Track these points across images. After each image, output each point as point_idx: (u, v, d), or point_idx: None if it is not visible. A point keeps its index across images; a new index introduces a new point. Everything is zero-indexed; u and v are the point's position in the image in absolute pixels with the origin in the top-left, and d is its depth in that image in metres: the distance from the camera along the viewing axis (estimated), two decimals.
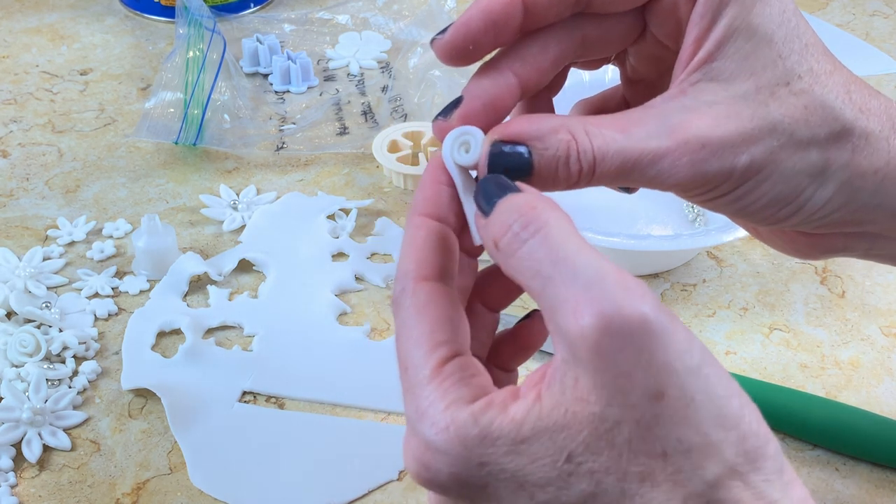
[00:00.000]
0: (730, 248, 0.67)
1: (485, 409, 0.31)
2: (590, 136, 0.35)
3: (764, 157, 0.35)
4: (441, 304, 0.33)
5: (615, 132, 0.35)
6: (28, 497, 0.52)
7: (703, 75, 0.36)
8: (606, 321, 0.29)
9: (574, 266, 0.30)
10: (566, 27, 0.37)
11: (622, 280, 0.30)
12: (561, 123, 0.35)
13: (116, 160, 0.74)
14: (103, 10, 0.91)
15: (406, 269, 0.34)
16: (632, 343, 0.29)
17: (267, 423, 0.55)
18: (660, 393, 0.29)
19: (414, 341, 0.33)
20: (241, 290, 0.63)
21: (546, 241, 0.31)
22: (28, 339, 0.57)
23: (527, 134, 0.34)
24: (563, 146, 0.34)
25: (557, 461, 0.30)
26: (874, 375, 0.58)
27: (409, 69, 0.79)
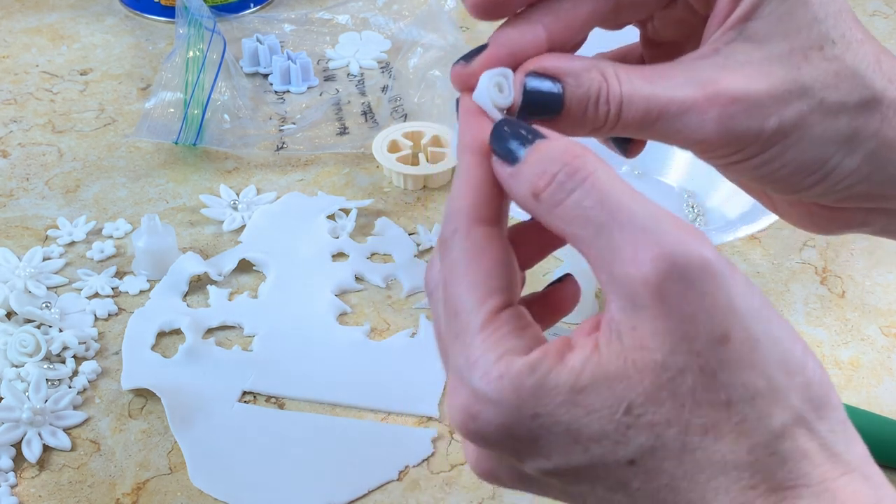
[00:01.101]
0: (730, 248, 0.67)
1: (541, 359, 0.30)
2: (619, 80, 0.34)
3: (794, 120, 0.35)
4: (497, 249, 0.32)
5: (644, 80, 0.34)
6: (28, 497, 0.52)
7: (738, 34, 0.35)
8: (668, 265, 0.28)
9: (629, 212, 0.29)
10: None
11: (680, 225, 0.29)
12: (593, 63, 0.34)
13: (116, 160, 0.74)
14: (103, 10, 0.91)
15: (460, 207, 0.33)
16: (695, 286, 0.29)
17: (267, 423, 0.55)
18: (725, 336, 0.29)
19: (466, 286, 0.32)
20: (241, 290, 0.63)
21: (595, 189, 0.30)
22: (28, 339, 0.57)
23: (561, 69, 0.34)
24: (594, 85, 0.34)
25: (616, 413, 0.29)
26: (874, 375, 0.58)
27: (409, 69, 0.79)
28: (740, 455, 0.29)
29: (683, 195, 0.69)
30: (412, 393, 0.57)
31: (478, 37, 0.88)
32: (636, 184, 0.70)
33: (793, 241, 0.67)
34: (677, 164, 0.70)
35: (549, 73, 0.34)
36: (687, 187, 0.69)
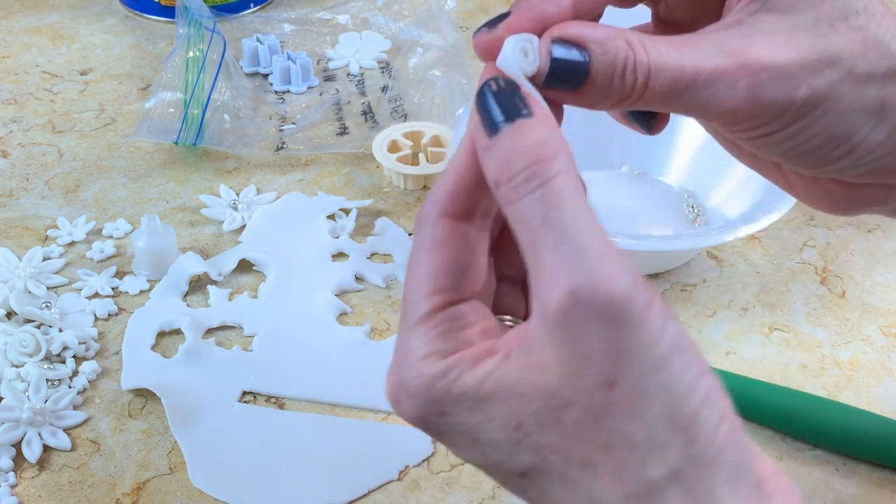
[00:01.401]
0: (730, 248, 0.67)
1: (456, 364, 0.31)
2: (646, 49, 0.33)
3: (824, 89, 0.34)
4: (455, 246, 0.33)
5: (672, 48, 0.33)
6: (28, 497, 0.52)
7: (762, 5, 0.34)
8: (575, 299, 0.29)
9: (563, 232, 0.29)
10: None
11: (603, 255, 0.29)
12: (618, 32, 0.33)
13: (116, 160, 0.74)
14: (103, 10, 0.91)
15: (437, 195, 0.33)
16: (597, 324, 0.29)
17: (267, 423, 0.55)
18: (613, 381, 0.29)
19: (416, 280, 0.33)
20: (241, 290, 0.63)
21: (545, 200, 0.30)
22: (28, 339, 0.57)
23: (586, 36, 0.33)
24: (621, 53, 0.33)
25: (509, 426, 0.30)
26: (874, 375, 0.58)
27: (409, 69, 0.79)
28: (617, 499, 0.29)
29: (683, 195, 0.69)
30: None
31: None
32: (636, 184, 0.70)
33: (793, 241, 0.67)
34: (677, 164, 0.70)
35: (575, 41, 0.33)
36: (687, 187, 0.69)
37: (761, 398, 0.55)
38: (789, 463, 0.54)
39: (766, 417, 0.55)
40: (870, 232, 0.68)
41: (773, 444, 0.54)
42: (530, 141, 0.31)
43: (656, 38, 0.33)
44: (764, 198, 0.62)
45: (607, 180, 0.71)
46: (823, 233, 0.68)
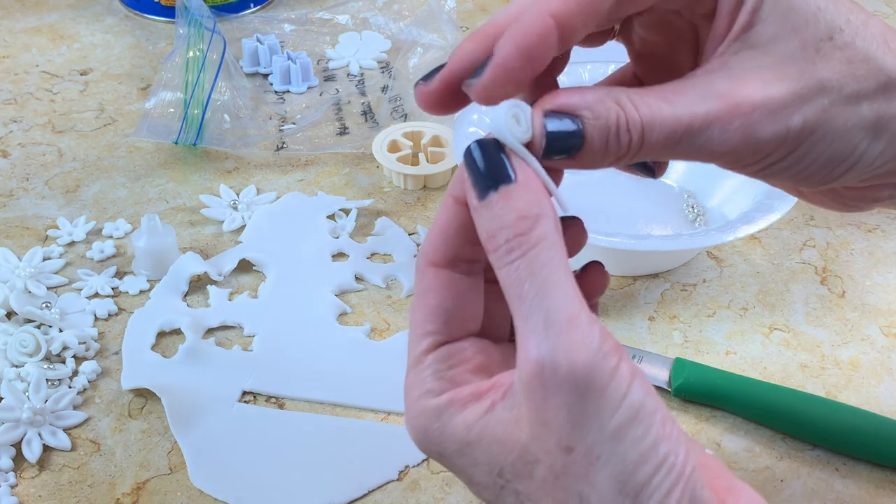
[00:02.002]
0: (730, 248, 0.67)
1: (447, 406, 0.34)
2: (636, 106, 0.33)
3: (817, 116, 0.34)
4: (439, 292, 0.35)
5: (661, 100, 0.33)
6: (28, 497, 0.52)
7: (743, 44, 0.34)
8: (540, 366, 0.31)
9: (536, 302, 0.31)
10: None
11: (570, 327, 0.31)
12: (606, 93, 0.33)
13: (116, 160, 0.74)
14: (103, 10, 0.91)
15: (424, 248, 0.36)
16: (558, 394, 0.31)
17: (267, 423, 0.55)
18: (570, 447, 0.31)
19: (412, 324, 0.36)
20: (241, 290, 0.63)
21: (528, 267, 0.31)
22: (28, 339, 0.57)
23: (576, 104, 0.33)
24: (612, 115, 0.33)
25: (493, 471, 0.33)
26: (874, 375, 0.58)
27: (409, 69, 0.79)
28: None
29: (683, 195, 0.69)
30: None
31: None
32: (636, 184, 0.70)
33: (793, 241, 0.67)
34: (677, 164, 0.70)
35: (566, 110, 0.33)
36: (687, 187, 0.69)
37: (761, 398, 0.55)
38: (789, 463, 0.54)
39: (766, 417, 0.55)
40: (870, 232, 0.68)
41: (773, 444, 0.54)
42: (513, 211, 0.32)
43: (645, 91, 0.34)
44: (764, 198, 0.62)
45: (607, 180, 0.71)
46: (823, 233, 0.68)
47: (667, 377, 0.56)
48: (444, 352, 0.35)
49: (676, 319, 0.62)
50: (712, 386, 0.56)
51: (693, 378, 0.56)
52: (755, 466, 0.53)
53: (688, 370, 0.56)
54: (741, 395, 0.55)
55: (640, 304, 0.63)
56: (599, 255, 0.62)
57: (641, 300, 0.63)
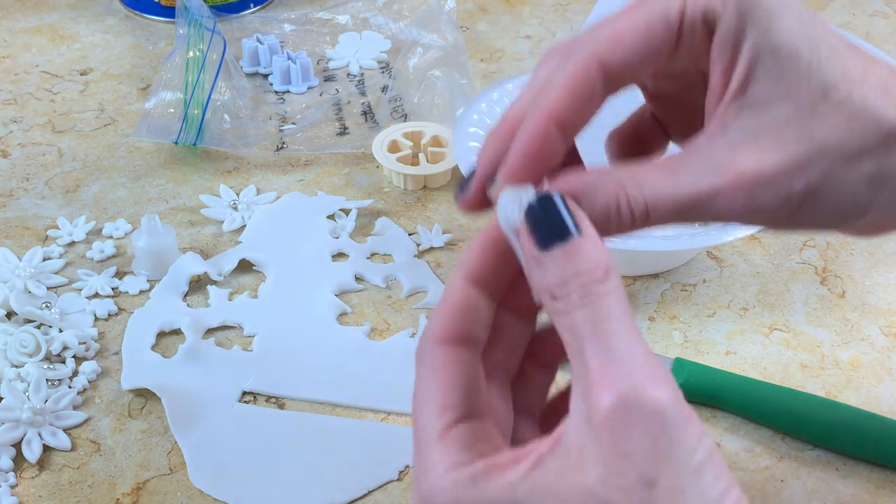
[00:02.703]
0: (730, 248, 0.67)
1: (484, 472, 0.32)
2: (640, 185, 0.35)
3: (819, 177, 0.35)
4: (455, 368, 0.35)
5: (664, 177, 0.35)
6: (28, 497, 0.52)
7: (740, 107, 0.35)
8: (623, 401, 0.30)
9: (613, 344, 0.31)
10: None
11: (650, 367, 0.31)
12: (607, 174, 0.35)
13: (116, 160, 0.74)
14: (103, 10, 0.91)
15: (430, 328, 0.36)
16: (641, 425, 0.30)
17: (267, 423, 0.55)
18: (654, 480, 0.30)
19: (426, 401, 0.35)
20: (241, 290, 0.63)
21: (596, 315, 0.32)
22: (28, 339, 0.57)
23: (573, 189, 0.34)
24: (611, 198, 0.34)
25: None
26: (874, 375, 0.58)
27: (409, 69, 0.79)
28: None
29: None
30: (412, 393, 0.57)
31: (477, 37, 0.88)
32: None
33: (793, 241, 0.67)
34: None
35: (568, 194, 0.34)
36: None
37: (761, 398, 0.55)
38: (789, 463, 0.54)
39: (766, 417, 0.55)
40: None
41: (773, 444, 0.54)
42: (583, 261, 0.32)
43: (650, 166, 0.35)
44: None
45: None
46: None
47: None
48: (469, 426, 0.34)
49: (676, 319, 0.62)
50: (712, 386, 0.56)
51: (693, 378, 0.56)
52: (755, 466, 0.53)
53: (688, 370, 0.56)
54: (741, 395, 0.55)
55: (640, 304, 0.63)
56: None
57: (641, 300, 0.63)
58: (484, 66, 0.85)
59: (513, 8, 0.92)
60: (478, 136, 0.66)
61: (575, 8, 0.92)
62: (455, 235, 0.67)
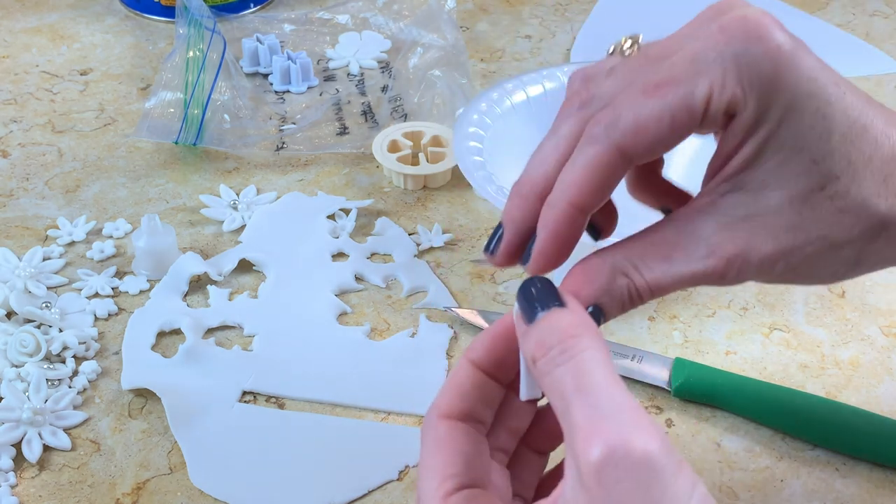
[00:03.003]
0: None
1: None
2: (641, 272, 0.38)
3: (800, 261, 0.37)
4: (457, 440, 0.37)
5: (661, 262, 0.38)
6: (28, 497, 0.52)
7: (733, 186, 0.37)
8: (612, 451, 0.31)
9: (596, 398, 0.32)
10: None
11: (636, 418, 0.32)
12: (612, 267, 0.38)
13: (116, 160, 0.74)
14: (103, 10, 0.91)
15: (437, 403, 0.38)
16: (632, 476, 0.31)
17: (267, 423, 0.55)
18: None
19: (429, 469, 0.37)
20: (241, 290, 0.63)
21: (577, 370, 0.33)
22: (28, 339, 0.57)
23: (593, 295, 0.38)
24: (624, 291, 0.38)
25: None
26: (874, 375, 0.58)
27: (409, 69, 0.79)
28: None
29: None
30: (412, 393, 0.57)
31: (477, 37, 0.88)
32: None
33: None
34: (677, 164, 0.70)
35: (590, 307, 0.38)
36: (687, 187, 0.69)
37: (761, 398, 0.55)
38: (789, 463, 0.54)
39: (766, 417, 0.55)
40: None
41: (773, 444, 0.54)
42: (562, 323, 0.34)
43: (644, 249, 0.38)
44: None
45: None
46: None
47: (667, 377, 0.56)
48: (469, 494, 0.36)
49: (676, 319, 0.62)
50: (712, 386, 0.56)
51: (693, 378, 0.56)
52: (755, 466, 0.53)
53: (688, 370, 0.56)
54: (741, 395, 0.55)
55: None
56: None
57: None
58: (484, 66, 0.85)
59: (513, 8, 0.92)
60: (478, 135, 0.66)
61: (575, 8, 0.92)
62: (455, 235, 0.67)
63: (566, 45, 0.87)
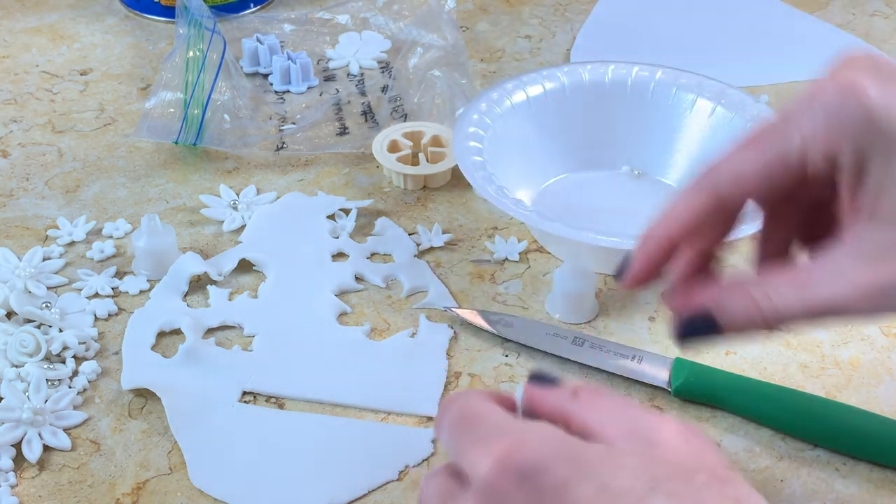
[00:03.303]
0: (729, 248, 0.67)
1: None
2: (770, 296, 0.40)
3: None
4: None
5: (794, 288, 0.40)
6: (28, 497, 0.52)
7: (869, 220, 0.39)
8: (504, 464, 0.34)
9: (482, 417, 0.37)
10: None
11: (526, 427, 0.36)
12: (737, 286, 0.41)
13: (116, 160, 0.74)
14: (103, 10, 0.91)
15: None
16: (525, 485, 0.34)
17: (267, 423, 0.55)
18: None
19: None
20: (241, 290, 0.63)
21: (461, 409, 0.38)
22: (28, 339, 0.57)
23: (708, 309, 0.42)
24: (742, 311, 0.41)
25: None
26: (874, 375, 0.58)
27: (409, 69, 0.79)
28: None
29: None
30: (412, 393, 0.57)
31: (477, 37, 0.88)
32: (636, 184, 0.70)
33: None
34: (677, 164, 0.70)
35: (700, 313, 0.42)
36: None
37: (761, 398, 0.55)
38: (789, 463, 0.54)
39: (766, 417, 0.55)
40: None
41: (773, 444, 0.54)
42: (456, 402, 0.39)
43: (780, 275, 0.41)
44: None
45: (607, 180, 0.71)
46: None
47: (667, 377, 0.56)
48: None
49: None
50: (712, 386, 0.56)
51: (693, 378, 0.56)
52: (755, 466, 0.53)
53: (688, 370, 0.56)
54: (741, 395, 0.55)
55: (640, 304, 0.63)
56: (600, 255, 0.62)
57: (641, 300, 0.63)
58: (484, 66, 0.85)
59: (513, 8, 0.92)
60: (478, 135, 0.66)
61: (575, 8, 0.92)
62: (455, 235, 0.67)
63: (566, 45, 0.87)
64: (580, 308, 0.61)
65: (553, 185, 0.70)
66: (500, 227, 0.68)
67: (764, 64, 0.84)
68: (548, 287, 0.63)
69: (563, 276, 0.60)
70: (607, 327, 0.61)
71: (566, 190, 0.70)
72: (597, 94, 0.71)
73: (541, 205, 0.68)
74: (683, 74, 0.70)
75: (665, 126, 0.70)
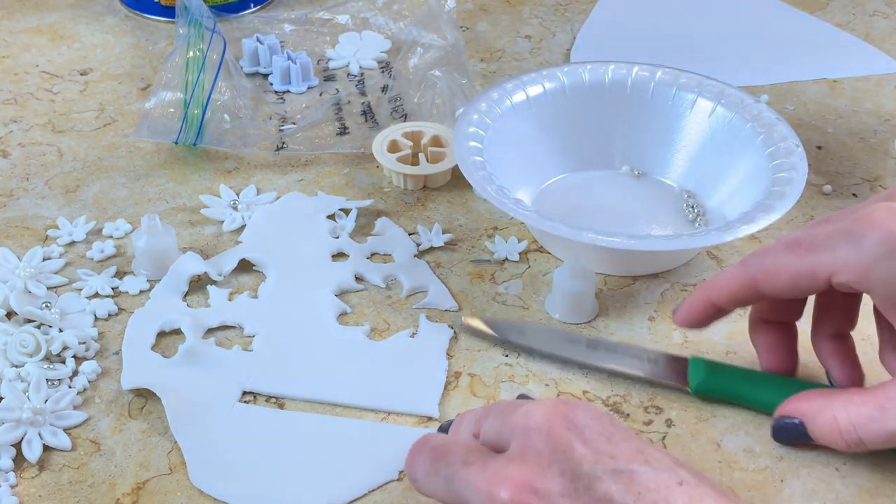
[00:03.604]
0: (730, 248, 0.67)
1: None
2: (850, 416, 0.47)
3: None
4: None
5: (874, 410, 0.47)
6: (28, 497, 0.52)
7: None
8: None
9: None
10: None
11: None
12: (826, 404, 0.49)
13: (116, 160, 0.74)
14: (103, 10, 0.91)
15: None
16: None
17: (267, 423, 0.55)
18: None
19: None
20: (241, 290, 0.63)
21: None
22: (28, 339, 0.57)
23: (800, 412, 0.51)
24: (826, 426, 0.49)
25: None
26: (874, 376, 0.58)
27: (409, 69, 0.79)
28: None
29: (683, 195, 0.69)
30: (412, 393, 0.57)
31: (477, 37, 0.88)
32: (636, 184, 0.70)
33: None
34: (677, 164, 0.70)
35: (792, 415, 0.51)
36: (687, 187, 0.69)
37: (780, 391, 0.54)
38: (789, 463, 0.54)
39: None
40: None
41: (774, 444, 0.54)
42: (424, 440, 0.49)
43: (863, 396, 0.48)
44: (764, 198, 0.62)
45: (607, 180, 0.71)
46: None
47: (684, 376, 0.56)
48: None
49: None
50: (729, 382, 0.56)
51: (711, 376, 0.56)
52: (755, 466, 0.53)
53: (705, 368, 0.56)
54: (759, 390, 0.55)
55: (640, 304, 0.63)
56: (600, 254, 0.62)
57: (641, 300, 0.63)
58: (484, 66, 0.85)
59: (513, 8, 0.92)
60: (478, 135, 0.66)
61: (575, 8, 0.92)
62: (455, 235, 0.67)
63: (566, 45, 0.87)
64: (580, 308, 0.61)
65: (553, 185, 0.70)
66: (500, 227, 0.68)
67: (764, 64, 0.84)
68: (548, 287, 0.63)
69: (563, 276, 0.60)
70: (607, 327, 0.61)
71: (566, 190, 0.70)
72: (597, 94, 0.71)
73: (541, 205, 0.68)
74: (683, 74, 0.70)
75: (665, 126, 0.70)
